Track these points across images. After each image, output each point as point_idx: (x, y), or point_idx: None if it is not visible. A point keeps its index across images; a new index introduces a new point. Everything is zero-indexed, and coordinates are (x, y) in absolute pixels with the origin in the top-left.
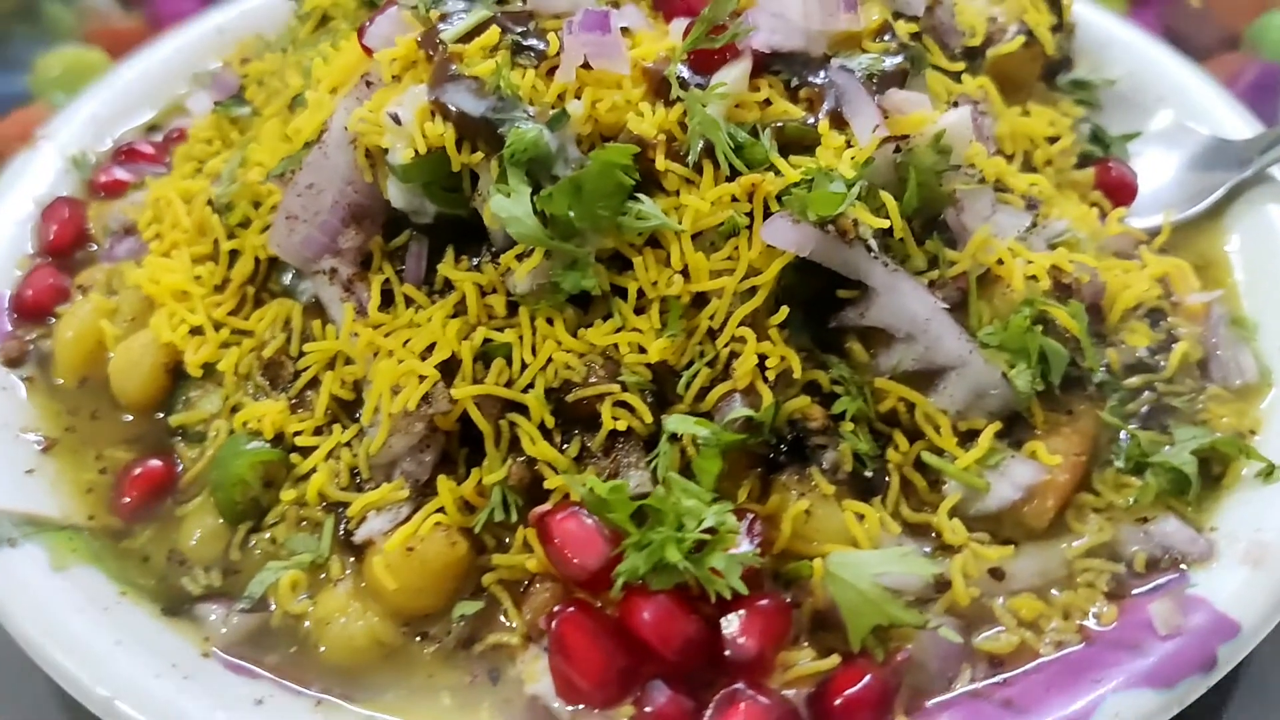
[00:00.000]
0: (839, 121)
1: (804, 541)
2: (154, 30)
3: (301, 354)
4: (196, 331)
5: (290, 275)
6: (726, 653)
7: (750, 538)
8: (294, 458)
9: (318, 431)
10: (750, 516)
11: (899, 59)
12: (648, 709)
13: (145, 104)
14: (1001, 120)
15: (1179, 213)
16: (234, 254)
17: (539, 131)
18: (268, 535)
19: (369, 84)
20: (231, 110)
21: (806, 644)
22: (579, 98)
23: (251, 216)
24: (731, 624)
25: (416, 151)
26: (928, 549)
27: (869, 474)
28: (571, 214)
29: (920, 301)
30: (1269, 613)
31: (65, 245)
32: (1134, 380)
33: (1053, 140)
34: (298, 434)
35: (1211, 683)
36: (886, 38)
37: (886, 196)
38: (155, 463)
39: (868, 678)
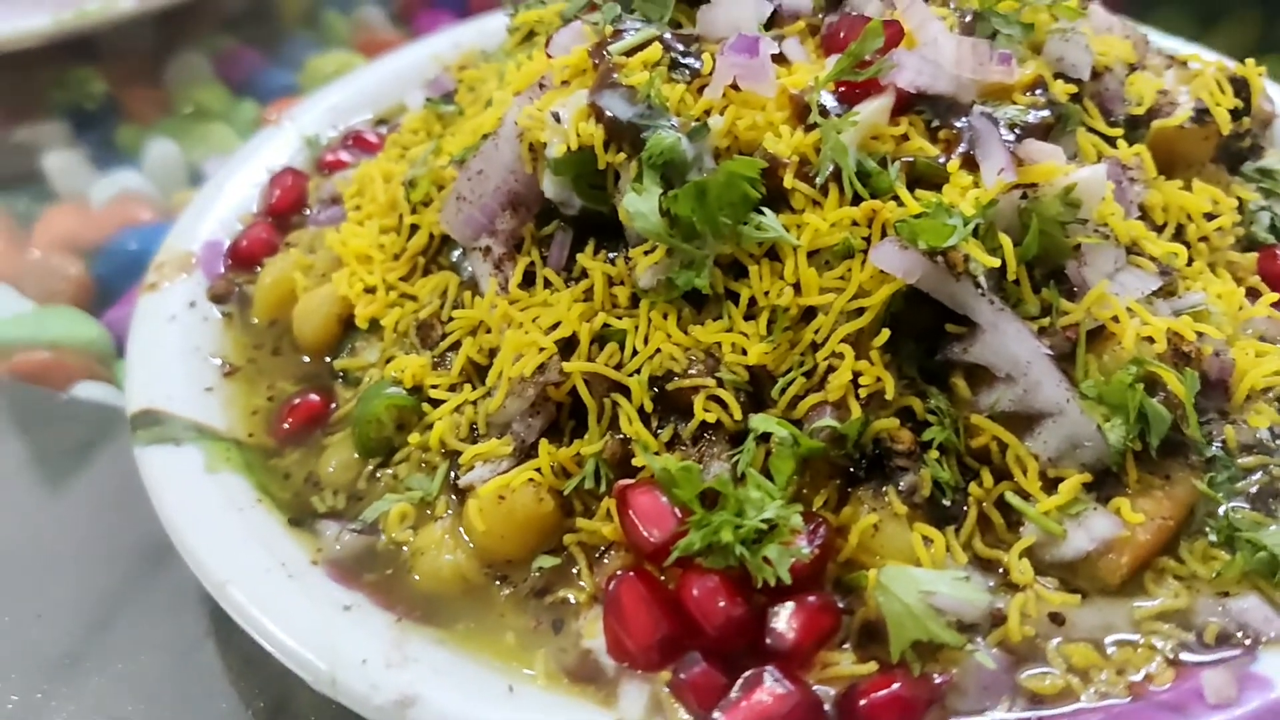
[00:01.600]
0: (971, 164)
1: (869, 555)
2: None
3: (451, 319)
4: (370, 290)
5: (459, 253)
6: (767, 640)
7: (811, 539)
8: (426, 407)
9: (452, 389)
10: (819, 521)
11: (1045, 113)
12: (681, 676)
13: (379, 101)
14: (1155, 190)
15: None
16: (414, 228)
17: (677, 139)
18: (392, 471)
19: (542, 86)
20: (440, 107)
21: (850, 649)
22: (723, 115)
23: (433, 197)
24: (777, 614)
25: (570, 148)
26: (991, 583)
27: (947, 503)
28: (694, 217)
29: (1023, 344)
30: None
31: (285, 208)
32: (1250, 460)
33: (1211, 218)
34: (434, 387)
35: None
36: (1038, 93)
37: (1004, 238)
38: (314, 398)
39: (896, 685)
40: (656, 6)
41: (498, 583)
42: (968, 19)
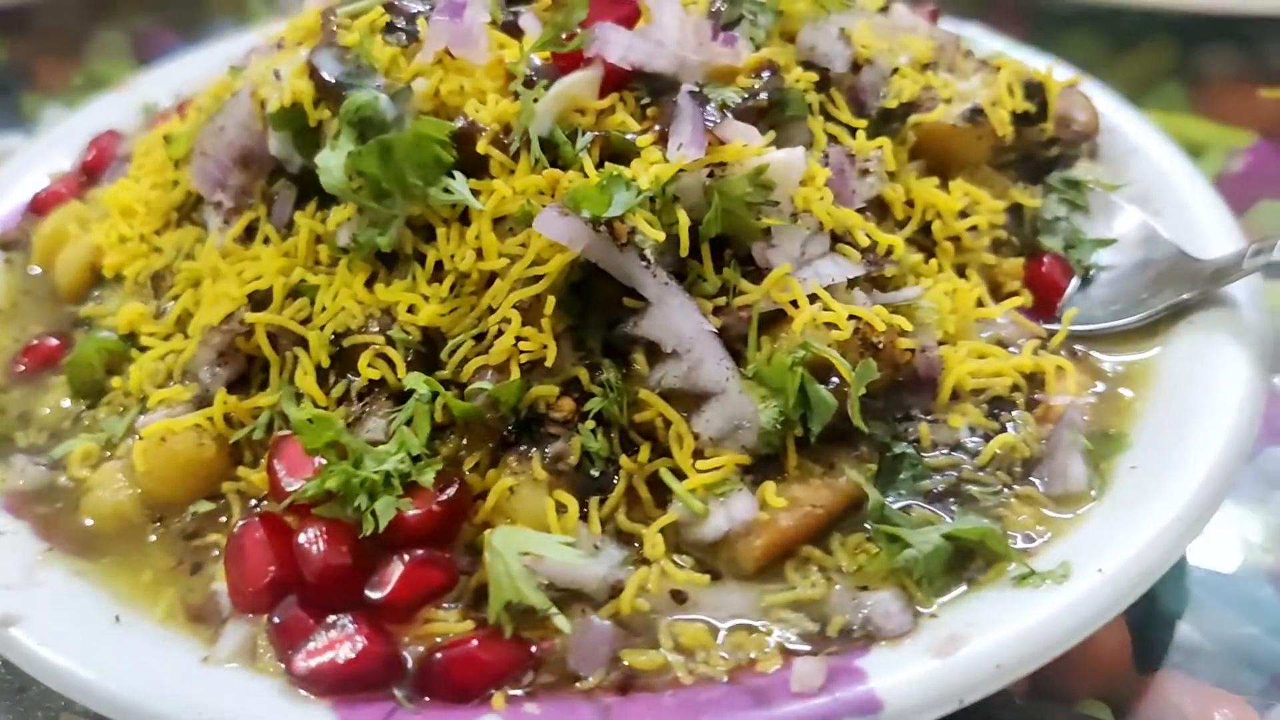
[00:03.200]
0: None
1: (503, 518)
2: None
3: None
4: (126, 242)
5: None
6: (367, 592)
7: (433, 498)
8: (135, 353)
9: (168, 338)
10: (453, 481)
11: (762, 96)
12: (275, 619)
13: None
14: (897, 184)
15: (1114, 320)
16: (177, 183)
17: (375, 97)
18: (96, 414)
19: (280, 46)
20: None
21: (459, 610)
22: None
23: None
24: (381, 567)
25: (284, 105)
26: (623, 555)
27: (595, 474)
28: (379, 175)
29: (688, 320)
30: (924, 703)
31: (97, 167)
32: (940, 459)
33: (965, 218)
34: (150, 335)
35: None
36: (765, 77)
37: (681, 214)
38: (53, 342)
39: (473, 643)
40: None
41: (155, 524)
42: (718, 4)
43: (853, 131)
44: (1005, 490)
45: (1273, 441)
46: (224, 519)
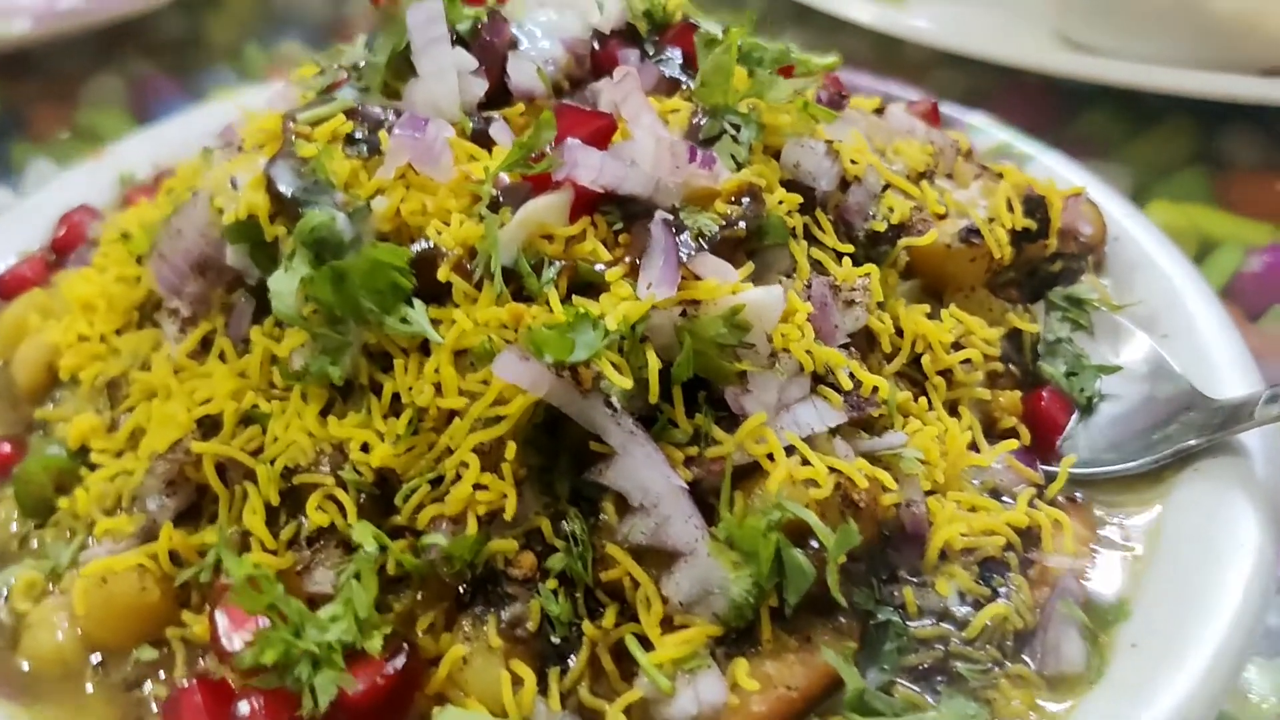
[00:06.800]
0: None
1: (456, 690)
2: None
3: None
4: (86, 340)
5: None
6: None
7: (380, 670)
8: (85, 472)
9: (121, 455)
10: (402, 648)
11: (740, 225)
12: None
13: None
14: (885, 315)
15: (1117, 464)
16: (140, 279)
17: (331, 217)
18: (44, 535)
19: (240, 149)
20: (214, 154)
21: None
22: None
23: None
24: None
25: (240, 217)
26: None
27: (556, 640)
28: (332, 302)
29: (655, 472)
30: None
31: (65, 248)
32: (927, 630)
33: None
34: (102, 451)
35: None
36: (744, 202)
37: (651, 356)
38: (6, 448)
39: None
40: (371, 73)
41: (96, 669)
42: (699, 118)
43: (839, 257)
44: (995, 669)
45: None
46: (168, 669)
